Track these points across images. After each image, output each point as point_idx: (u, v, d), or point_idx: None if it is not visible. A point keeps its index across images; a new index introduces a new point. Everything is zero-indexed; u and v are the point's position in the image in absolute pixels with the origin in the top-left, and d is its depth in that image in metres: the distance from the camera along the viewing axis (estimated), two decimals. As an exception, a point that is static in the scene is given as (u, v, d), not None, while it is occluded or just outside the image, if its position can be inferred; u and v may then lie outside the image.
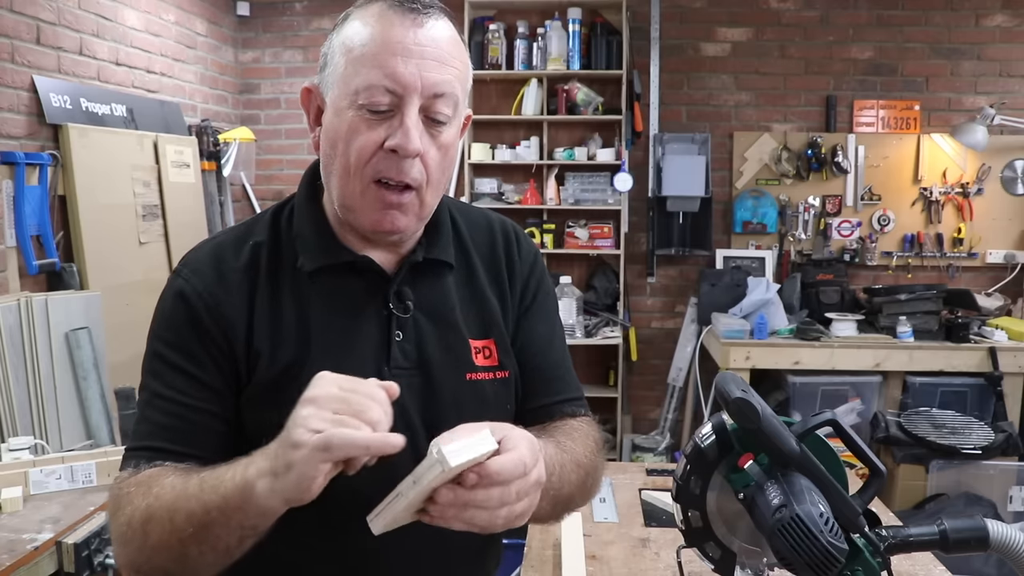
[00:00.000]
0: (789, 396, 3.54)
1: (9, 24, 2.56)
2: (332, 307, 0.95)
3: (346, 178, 0.90)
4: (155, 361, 0.93)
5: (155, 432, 0.91)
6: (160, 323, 0.95)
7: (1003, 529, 0.93)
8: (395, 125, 0.87)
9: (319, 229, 0.97)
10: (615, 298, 4.15)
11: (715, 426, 0.97)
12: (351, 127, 0.88)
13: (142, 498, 0.83)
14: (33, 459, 1.84)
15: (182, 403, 0.91)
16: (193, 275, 0.94)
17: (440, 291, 1.00)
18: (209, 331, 0.92)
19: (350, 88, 0.88)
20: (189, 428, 0.90)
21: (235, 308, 0.93)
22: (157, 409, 0.91)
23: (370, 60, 0.87)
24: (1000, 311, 3.83)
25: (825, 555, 0.83)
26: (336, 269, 0.96)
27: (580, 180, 4.12)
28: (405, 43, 0.86)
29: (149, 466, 0.88)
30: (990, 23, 4.05)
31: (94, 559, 1.65)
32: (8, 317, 2.28)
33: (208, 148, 3.70)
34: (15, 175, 2.51)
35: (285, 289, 0.95)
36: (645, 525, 1.60)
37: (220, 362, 0.92)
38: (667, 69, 4.16)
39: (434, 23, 0.89)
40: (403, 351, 0.96)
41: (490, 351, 1.01)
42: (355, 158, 0.88)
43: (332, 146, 0.91)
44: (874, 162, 4.10)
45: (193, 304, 0.92)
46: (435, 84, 0.88)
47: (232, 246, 0.97)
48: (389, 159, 0.88)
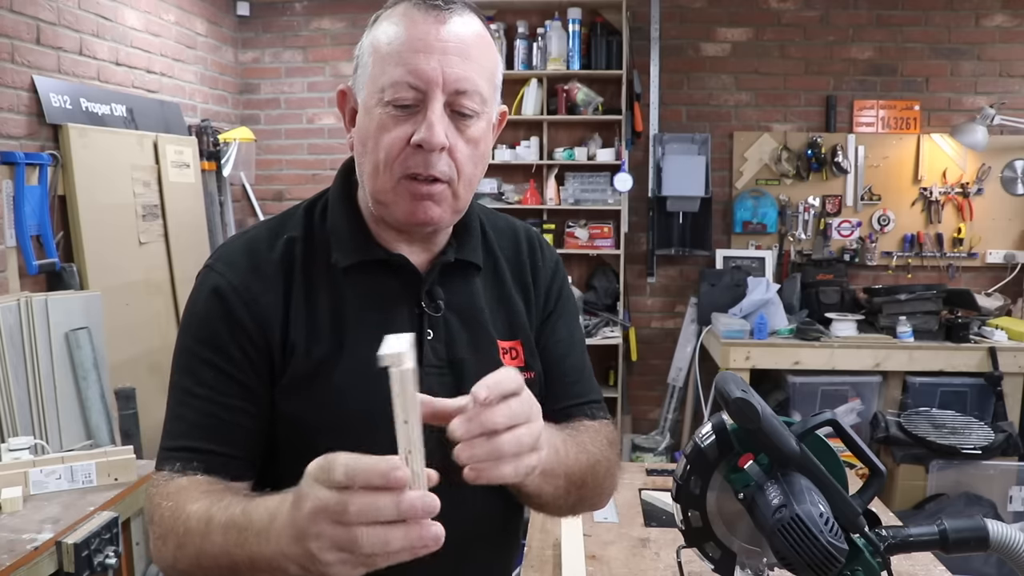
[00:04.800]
0: (789, 396, 3.54)
1: (9, 24, 2.56)
2: (366, 303, 0.96)
3: (377, 174, 0.92)
4: (188, 358, 0.93)
5: (190, 431, 0.91)
6: (193, 319, 0.95)
7: (1003, 529, 0.93)
8: (420, 120, 0.89)
9: (354, 226, 0.98)
10: (615, 298, 4.15)
11: (715, 426, 0.97)
12: (380, 124, 0.90)
13: (171, 519, 0.84)
14: (33, 459, 1.84)
15: (216, 401, 0.91)
16: (228, 269, 0.94)
17: (469, 292, 1.02)
18: (245, 326, 0.92)
19: (377, 86, 0.90)
20: (223, 426, 0.91)
21: (271, 301, 0.93)
22: (191, 407, 0.92)
23: (395, 58, 0.89)
24: (1000, 311, 3.83)
25: (825, 555, 0.83)
26: (369, 266, 0.97)
27: (580, 180, 4.12)
28: (427, 39, 0.88)
29: (183, 474, 0.88)
30: (990, 23, 4.05)
31: (94, 559, 1.65)
32: (8, 317, 2.28)
33: (208, 148, 3.70)
34: (15, 175, 2.51)
35: (320, 284, 0.96)
36: (645, 525, 1.60)
37: (254, 358, 0.92)
38: (667, 69, 4.16)
39: (457, 19, 0.90)
40: (434, 350, 0.97)
41: (516, 352, 1.03)
42: (384, 155, 0.90)
43: (363, 144, 0.93)
44: (874, 162, 4.10)
45: (229, 299, 0.92)
46: (457, 79, 0.88)
47: (266, 240, 0.98)
48: (417, 154, 0.89)
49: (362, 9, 4.26)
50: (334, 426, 0.91)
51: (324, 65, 4.34)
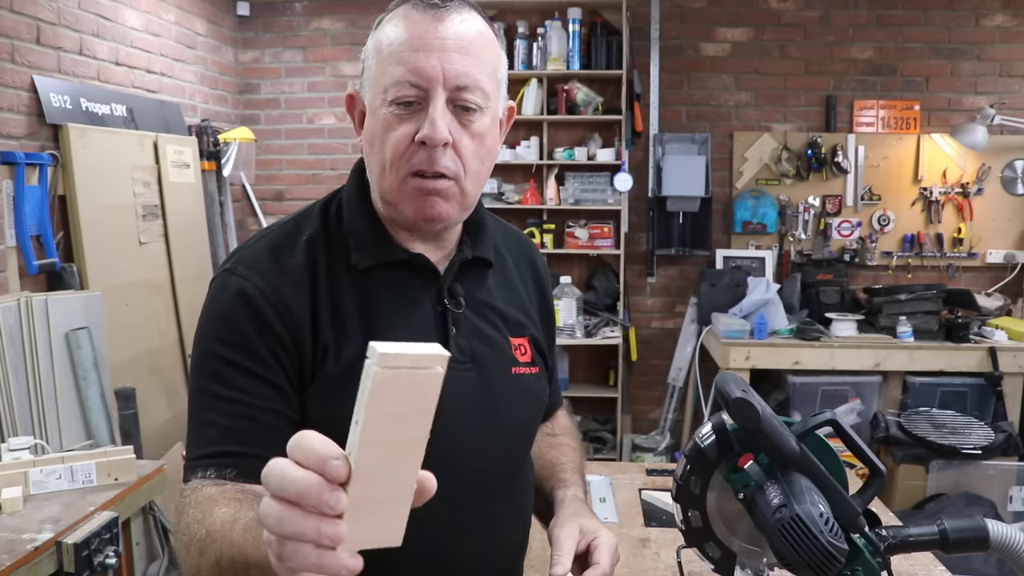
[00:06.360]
0: (789, 396, 3.54)
1: (9, 24, 2.56)
2: (392, 303, 0.97)
3: (384, 174, 0.93)
4: (214, 362, 0.91)
5: (221, 435, 0.89)
6: (217, 322, 0.93)
7: (1003, 529, 0.93)
8: (423, 118, 0.90)
9: (372, 227, 0.99)
10: (615, 298, 4.16)
11: (715, 426, 0.97)
12: (384, 124, 0.91)
13: (196, 526, 0.82)
14: (33, 459, 1.84)
15: (248, 403, 0.90)
16: (252, 272, 0.94)
17: (484, 289, 1.05)
18: (275, 329, 0.91)
19: (380, 87, 0.92)
20: (256, 427, 0.90)
21: (299, 304, 0.93)
22: (220, 411, 0.90)
23: (395, 58, 0.90)
24: (1000, 311, 3.83)
25: (825, 555, 0.83)
26: (389, 266, 0.98)
27: (580, 180, 4.12)
28: (426, 38, 0.89)
29: (215, 482, 0.86)
30: (990, 23, 4.05)
31: (94, 559, 1.65)
32: (8, 317, 2.28)
33: (208, 148, 3.70)
34: (15, 175, 2.51)
35: (343, 284, 0.96)
36: (645, 525, 1.60)
37: (284, 361, 0.92)
38: (667, 69, 4.16)
39: (456, 16, 0.91)
40: (458, 346, 0.99)
41: (525, 348, 1.07)
42: (390, 153, 0.91)
43: (371, 144, 0.94)
44: (874, 162, 4.10)
45: (256, 302, 0.91)
46: (458, 75, 0.90)
47: (286, 243, 0.98)
48: (421, 151, 0.90)
49: (362, 9, 4.26)
50: None
51: (324, 65, 4.34)
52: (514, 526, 1.09)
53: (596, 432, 4.16)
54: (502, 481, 1.04)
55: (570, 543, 0.97)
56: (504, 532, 1.06)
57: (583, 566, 0.98)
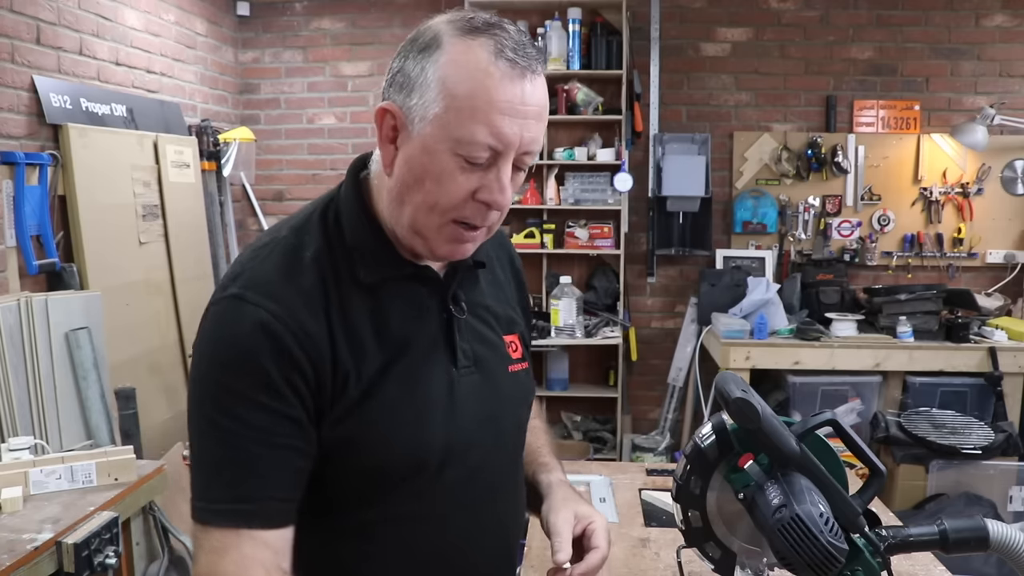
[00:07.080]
0: (789, 396, 3.54)
1: (9, 24, 2.56)
2: (401, 315, 0.96)
3: (427, 213, 0.90)
4: (230, 397, 0.86)
5: (241, 479, 0.86)
6: (233, 355, 0.86)
7: (1003, 529, 0.93)
8: (490, 178, 0.89)
9: (377, 241, 0.96)
10: (615, 298, 4.15)
11: (715, 426, 0.97)
12: (445, 171, 0.88)
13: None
14: (33, 459, 1.84)
15: (268, 443, 0.86)
16: (266, 299, 0.88)
17: (478, 290, 1.06)
18: (295, 359, 0.87)
19: (450, 134, 0.86)
20: (277, 470, 0.87)
21: (318, 330, 0.89)
22: (239, 450, 0.86)
23: (478, 115, 0.85)
24: (1000, 311, 3.83)
25: (825, 555, 0.83)
26: (395, 277, 0.97)
27: (580, 180, 4.12)
28: (513, 103, 0.86)
29: (238, 530, 0.85)
30: (990, 23, 4.05)
31: (94, 559, 1.65)
32: (8, 317, 2.28)
33: (208, 148, 3.70)
34: (15, 175, 2.51)
35: (352, 300, 0.93)
36: (645, 525, 1.60)
37: (302, 390, 0.88)
38: (667, 69, 4.16)
39: (539, 80, 0.89)
40: (463, 351, 1.00)
41: (516, 345, 1.09)
42: (445, 201, 0.89)
43: (417, 180, 0.89)
44: (874, 162, 4.10)
45: (276, 332, 0.86)
46: (532, 141, 0.89)
47: (293, 261, 0.92)
48: (477, 207, 0.90)
49: (362, 9, 4.26)
50: (384, 441, 0.92)
51: (324, 65, 4.34)
52: (515, 517, 1.12)
53: (596, 432, 4.16)
54: (506, 478, 1.07)
55: (567, 529, 0.99)
56: (507, 525, 1.09)
57: (580, 550, 1.00)
